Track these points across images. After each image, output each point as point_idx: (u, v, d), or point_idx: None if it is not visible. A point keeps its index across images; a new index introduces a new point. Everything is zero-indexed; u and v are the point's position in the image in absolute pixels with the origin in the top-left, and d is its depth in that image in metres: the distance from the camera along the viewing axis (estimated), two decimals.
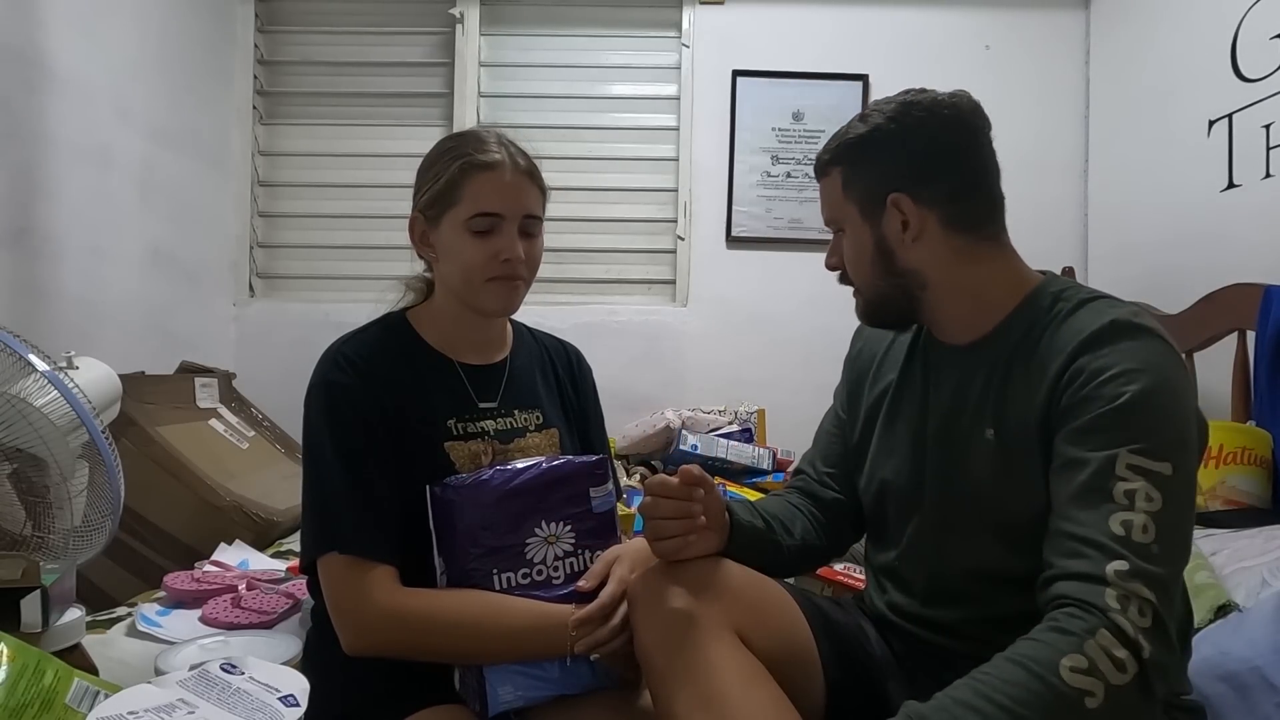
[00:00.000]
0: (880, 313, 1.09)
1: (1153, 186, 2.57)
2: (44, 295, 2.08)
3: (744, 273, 3.01)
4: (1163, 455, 0.85)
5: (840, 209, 1.06)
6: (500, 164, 1.09)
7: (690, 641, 0.92)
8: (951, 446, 1.03)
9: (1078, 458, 0.88)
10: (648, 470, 2.53)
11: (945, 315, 1.05)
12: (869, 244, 1.04)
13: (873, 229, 1.03)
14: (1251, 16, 2.16)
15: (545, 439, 1.18)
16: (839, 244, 1.09)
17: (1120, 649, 0.77)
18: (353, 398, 1.06)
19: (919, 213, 1.00)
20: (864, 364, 1.21)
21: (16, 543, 1.22)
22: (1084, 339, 0.92)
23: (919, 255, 1.02)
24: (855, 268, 1.07)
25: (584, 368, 1.31)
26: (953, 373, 1.05)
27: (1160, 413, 0.87)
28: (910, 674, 1.06)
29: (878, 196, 1.02)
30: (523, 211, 1.10)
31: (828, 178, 1.07)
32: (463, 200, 1.09)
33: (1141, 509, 0.83)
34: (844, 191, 1.05)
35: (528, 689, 1.00)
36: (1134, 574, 0.80)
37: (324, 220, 3.09)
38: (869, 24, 3.00)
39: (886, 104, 1.03)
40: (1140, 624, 0.78)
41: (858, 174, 1.04)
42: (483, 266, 1.09)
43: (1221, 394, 2.03)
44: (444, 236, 1.12)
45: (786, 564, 1.15)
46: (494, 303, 1.12)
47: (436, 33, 3.09)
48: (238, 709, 0.84)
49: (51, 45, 2.09)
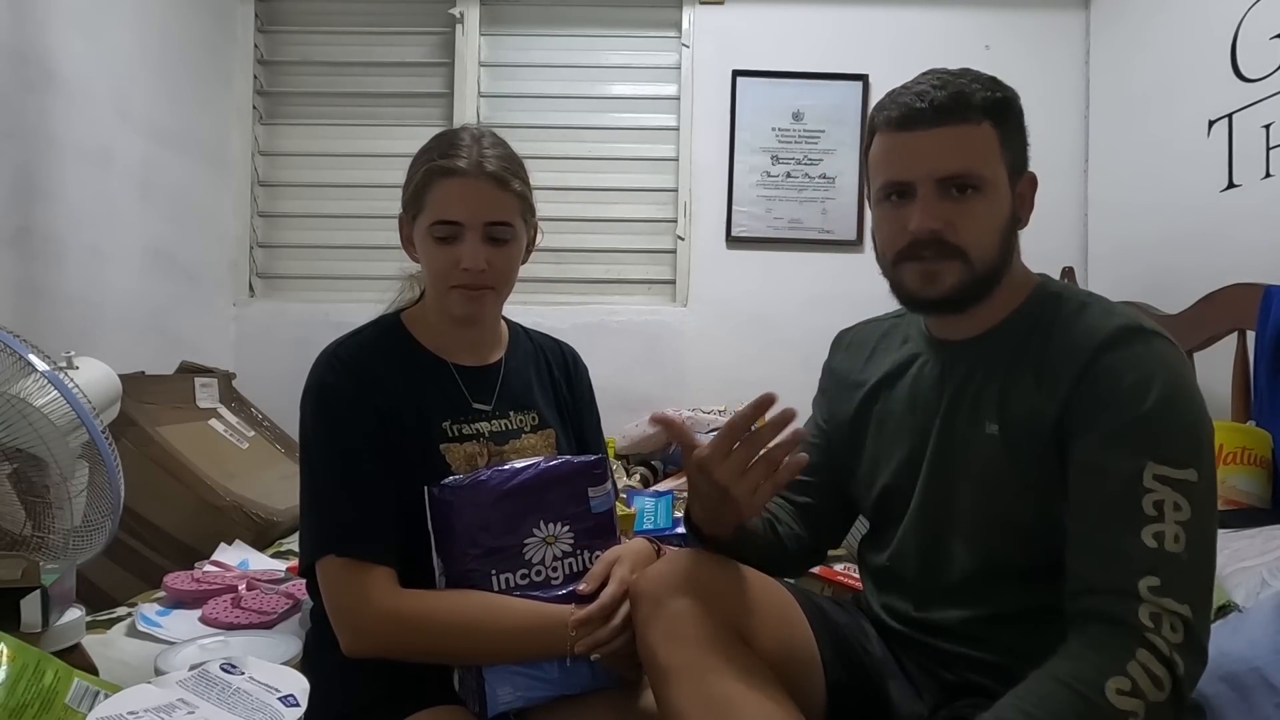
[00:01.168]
0: (975, 290, 0.98)
1: (1153, 186, 2.57)
2: (44, 295, 2.08)
3: (744, 273, 3.01)
4: (1186, 462, 0.85)
5: (989, 166, 0.96)
6: (461, 170, 1.06)
7: (692, 641, 0.92)
8: (951, 442, 1.02)
9: (1102, 467, 0.87)
10: (648, 470, 2.53)
11: (981, 306, 1.01)
12: (1007, 212, 0.98)
13: (1012, 197, 0.99)
14: (1251, 16, 2.16)
15: (541, 440, 1.18)
16: (939, 205, 0.95)
17: (1158, 666, 0.79)
18: (347, 400, 1.06)
19: (1032, 197, 1.02)
20: (846, 370, 1.19)
21: (16, 543, 1.22)
22: (1100, 341, 0.91)
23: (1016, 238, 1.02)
24: (985, 233, 0.96)
25: (580, 368, 1.31)
26: (954, 367, 1.04)
27: (1181, 418, 0.88)
28: (911, 675, 1.06)
29: (1022, 164, 1.01)
30: (484, 219, 1.07)
31: (971, 125, 0.95)
32: (426, 207, 1.08)
33: (1172, 519, 0.83)
34: (1001, 149, 0.97)
35: (527, 689, 1.00)
36: (1166, 589, 0.81)
37: (324, 220, 3.09)
38: (869, 24, 3.00)
39: (984, 77, 0.98)
40: (1173, 640, 0.79)
41: (1012, 136, 0.98)
42: (445, 274, 1.09)
43: (1221, 394, 2.02)
44: (417, 240, 1.12)
45: (783, 562, 1.15)
46: (457, 309, 1.11)
47: (436, 33, 3.09)
48: (238, 709, 0.84)
49: (51, 45, 2.09)
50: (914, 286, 0.99)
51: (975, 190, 0.95)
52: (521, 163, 1.15)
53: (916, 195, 0.96)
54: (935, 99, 0.94)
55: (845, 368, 1.20)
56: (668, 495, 2.03)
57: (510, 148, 1.15)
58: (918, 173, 0.96)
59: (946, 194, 0.95)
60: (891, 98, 0.99)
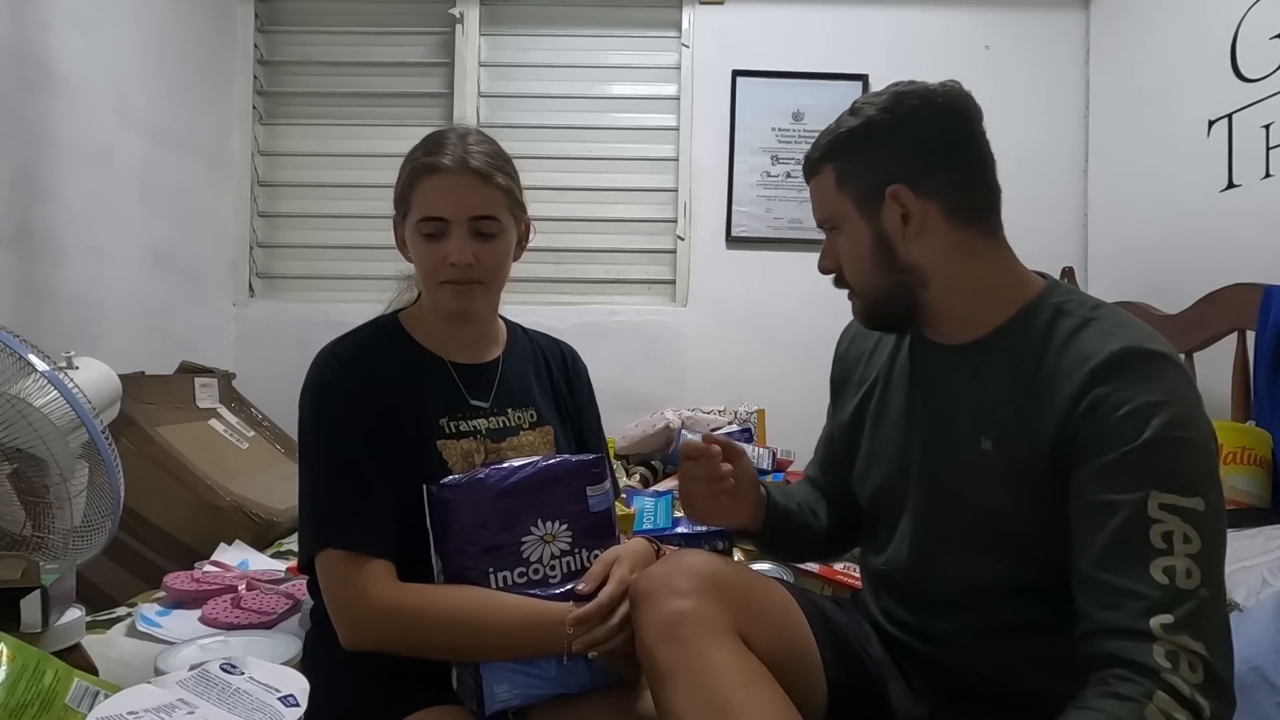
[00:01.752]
0: (880, 314, 1.05)
1: (1153, 186, 2.57)
2: (44, 295, 2.08)
3: (744, 273, 3.01)
4: (1193, 490, 0.82)
5: (835, 206, 1.02)
6: (444, 167, 1.08)
7: (692, 641, 0.91)
8: (942, 451, 1.01)
9: (1106, 501, 0.83)
10: (648, 470, 2.53)
11: (944, 313, 1.01)
12: (868, 240, 1.00)
13: (871, 224, 0.99)
14: (1251, 16, 2.16)
15: (539, 437, 1.19)
16: (832, 245, 1.05)
17: (1179, 710, 0.75)
18: (345, 397, 1.07)
19: (920, 204, 0.96)
20: (851, 362, 1.20)
21: (16, 543, 1.22)
22: (1096, 366, 0.87)
23: (921, 250, 0.98)
24: (853, 267, 1.02)
25: (579, 366, 1.31)
26: (945, 373, 1.02)
27: (1186, 446, 0.84)
28: (909, 677, 1.06)
29: (876, 189, 0.98)
30: (469, 214, 1.08)
31: (819, 176, 1.04)
32: (414, 205, 1.11)
33: (1182, 552, 0.79)
34: (839, 187, 1.01)
35: (525, 688, 1.00)
36: (1180, 626, 0.77)
37: (324, 220, 3.09)
38: (869, 24, 3.00)
39: (877, 96, 1.00)
40: (1193, 680, 0.76)
41: (853, 167, 1.00)
42: (434, 270, 1.11)
43: (1221, 394, 2.02)
44: (408, 239, 1.14)
45: (817, 546, 1.19)
46: (448, 305, 1.13)
47: (436, 33, 3.09)
48: (238, 709, 0.84)
49: (51, 45, 2.09)
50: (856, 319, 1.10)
51: (835, 229, 1.04)
52: (508, 159, 1.15)
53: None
54: (807, 155, 1.06)
55: (850, 360, 1.21)
56: (668, 495, 2.03)
57: (497, 144, 1.15)
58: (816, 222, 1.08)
59: (830, 237, 1.06)
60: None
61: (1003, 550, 0.96)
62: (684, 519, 1.88)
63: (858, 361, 1.18)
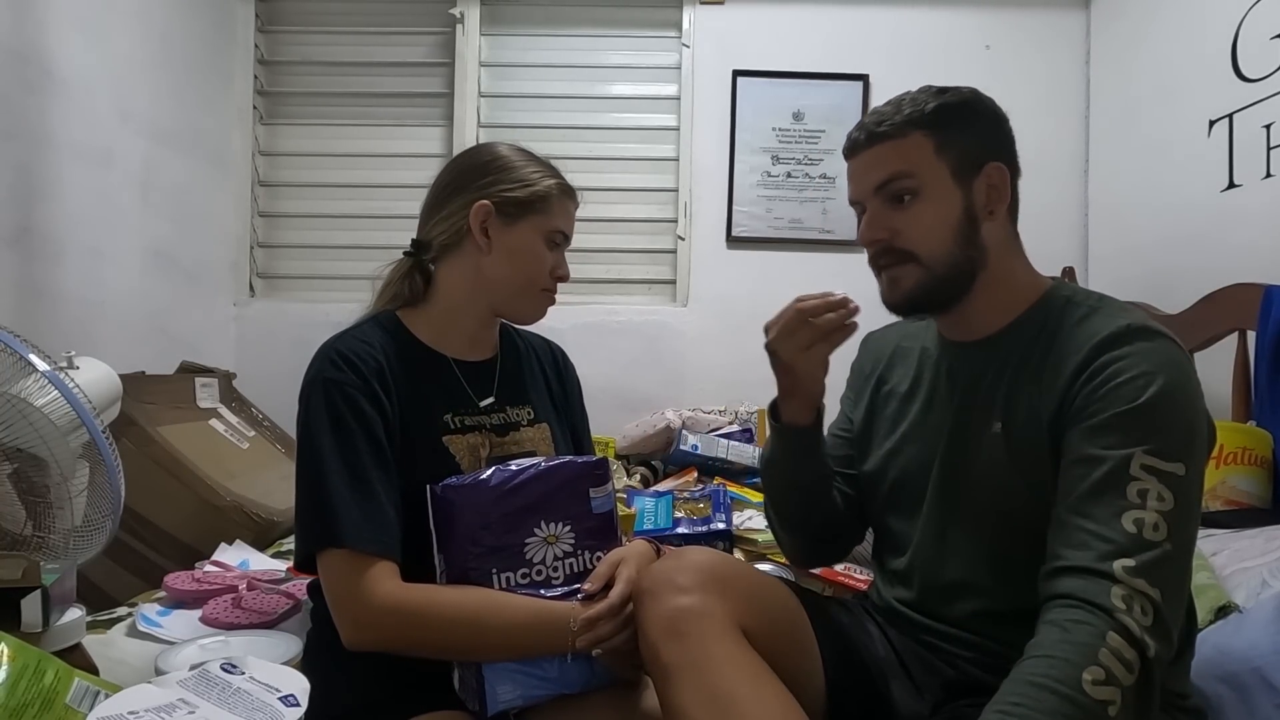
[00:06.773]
0: (935, 289, 1.03)
1: (1153, 187, 2.57)
2: (44, 295, 2.08)
3: (744, 273, 3.01)
4: (1176, 456, 0.86)
5: (927, 172, 1.00)
6: (575, 197, 1.26)
7: (695, 637, 0.92)
8: (960, 442, 1.04)
9: (1092, 454, 0.89)
10: (648, 470, 2.53)
11: (977, 305, 1.04)
12: (959, 209, 1.01)
13: (964, 194, 1.01)
14: (1251, 16, 2.16)
15: (537, 433, 1.21)
16: (886, 216, 1.03)
17: (1129, 650, 0.79)
18: (348, 393, 1.06)
19: (1006, 188, 1.02)
20: (869, 370, 1.24)
21: (17, 543, 1.22)
22: (1101, 339, 0.93)
23: (988, 232, 1.02)
24: (932, 235, 1.01)
25: (569, 365, 1.36)
26: (964, 369, 1.07)
27: (1175, 414, 0.89)
28: (913, 674, 1.06)
29: (975, 161, 1.01)
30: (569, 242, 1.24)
31: (904, 140, 1.01)
32: (551, 214, 1.19)
33: (1153, 507, 0.84)
34: (938, 153, 1.00)
35: (527, 688, 1.00)
36: (1140, 571, 0.82)
37: (324, 220, 3.09)
38: (869, 24, 3.00)
39: (945, 88, 1.04)
40: (1143, 623, 0.80)
41: (957, 135, 1.01)
42: (539, 276, 1.19)
43: (1221, 394, 2.02)
44: (516, 238, 1.17)
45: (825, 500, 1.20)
46: (535, 311, 1.21)
47: (436, 33, 3.09)
48: (238, 709, 0.84)
49: (51, 45, 2.09)
50: (883, 293, 1.07)
51: (914, 196, 1.01)
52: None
53: (867, 210, 1.06)
54: (867, 127, 1.04)
55: (868, 369, 1.25)
56: (668, 495, 2.03)
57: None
58: (862, 191, 1.05)
59: (891, 205, 1.03)
60: (848, 131, 1.09)
61: (1014, 533, 0.98)
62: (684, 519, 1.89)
63: (877, 368, 1.23)
